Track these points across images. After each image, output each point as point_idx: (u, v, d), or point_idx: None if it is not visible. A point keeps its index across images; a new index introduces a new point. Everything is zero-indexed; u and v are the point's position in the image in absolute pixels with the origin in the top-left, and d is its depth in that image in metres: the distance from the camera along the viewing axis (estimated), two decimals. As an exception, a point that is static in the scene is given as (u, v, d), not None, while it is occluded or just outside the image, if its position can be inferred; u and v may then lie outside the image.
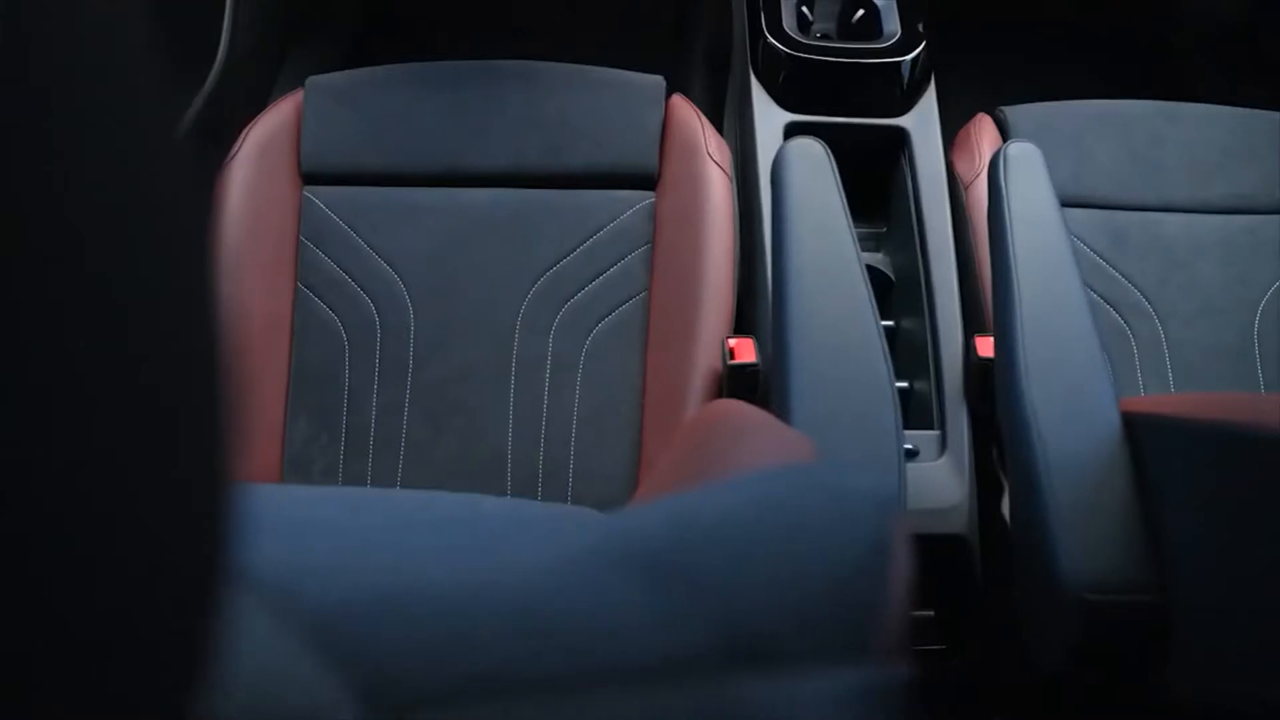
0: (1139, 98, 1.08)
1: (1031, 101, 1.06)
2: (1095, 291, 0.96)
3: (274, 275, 0.92)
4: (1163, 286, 0.97)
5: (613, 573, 0.22)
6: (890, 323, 0.99)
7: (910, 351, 0.95)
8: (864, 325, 0.67)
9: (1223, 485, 0.59)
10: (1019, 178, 0.77)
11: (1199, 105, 1.05)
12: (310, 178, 0.95)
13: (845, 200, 0.73)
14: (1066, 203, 1.00)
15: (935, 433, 0.87)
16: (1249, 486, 0.57)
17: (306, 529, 0.26)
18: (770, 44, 0.99)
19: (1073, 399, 0.67)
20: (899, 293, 1.00)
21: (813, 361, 0.65)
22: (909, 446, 0.85)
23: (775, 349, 0.69)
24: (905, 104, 0.99)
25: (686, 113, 0.96)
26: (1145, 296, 0.97)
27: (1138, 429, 0.66)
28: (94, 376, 0.13)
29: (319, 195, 0.95)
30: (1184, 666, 0.60)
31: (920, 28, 1.01)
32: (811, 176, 0.72)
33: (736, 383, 0.80)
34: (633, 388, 0.90)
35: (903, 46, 0.99)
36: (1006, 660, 0.80)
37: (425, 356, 0.91)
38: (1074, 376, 0.67)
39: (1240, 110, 1.05)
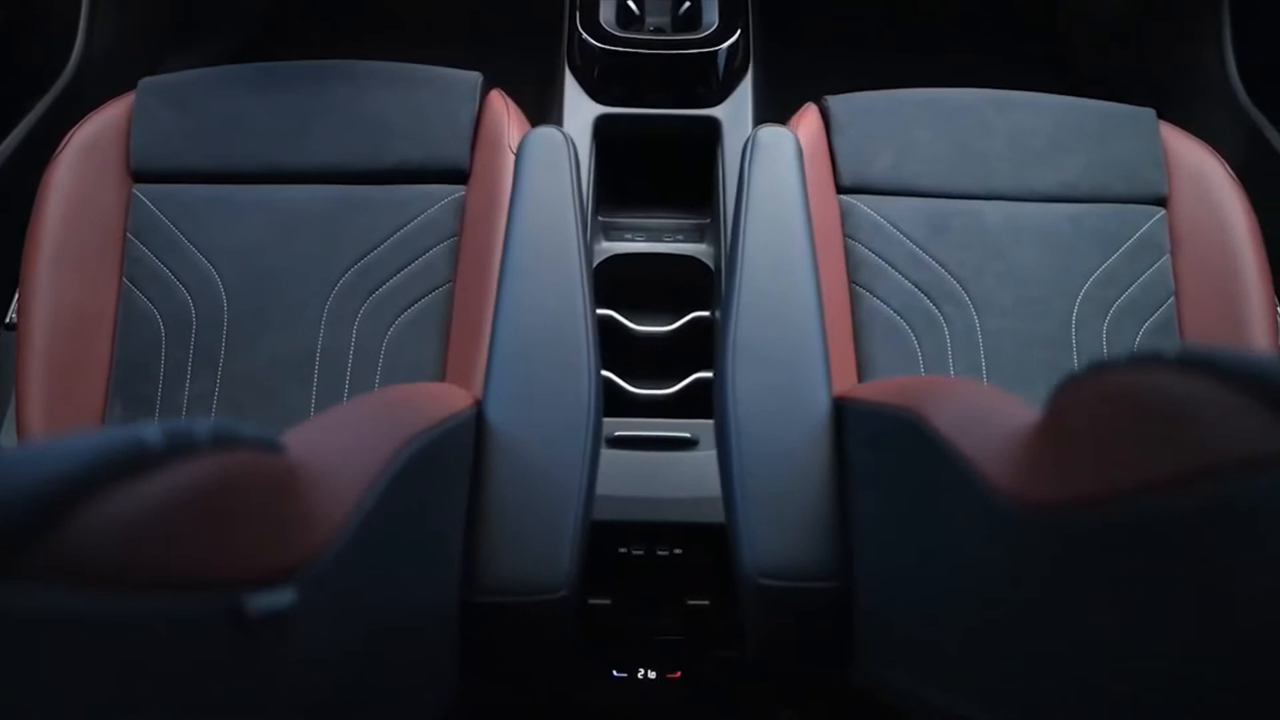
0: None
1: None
2: (910, 280, 0.96)
3: (98, 270, 0.96)
4: (980, 275, 0.96)
5: None
6: (707, 313, 1.00)
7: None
8: (571, 311, 0.67)
9: (883, 471, 0.59)
10: (764, 163, 0.77)
11: (1029, 94, 1.04)
12: (139, 175, 0.98)
13: (580, 189, 0.73)
14: (886, 191, 0.99)
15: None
16: (898, 473, 0.57)
17: None
18: (583, 39, 1.00)
19: (778, 384, 0.67)
20: (719, 283, 1.00)
21: (516, 343, 0.66)
22: (688, 435, 0.86)
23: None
24: (722, 94, 1.00)
25: (499, 107, 0.97)
26: (961, 285, 0.96)
27: (843, 416, 0.66)
28: None
29: (146, 193, 0.98)
30: (860, 659, 0.60)
31: (738, 19, 1.01)
32: (545, 165, 0.73)
33: None
34: (432, 377, 0.91)
35: (716, 37, 0.99)
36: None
37: (236, 348, 0.93)
38: (784, 362, 0.68)
39: (1071, 99, 1.04)
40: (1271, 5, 1.11)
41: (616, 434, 0.87)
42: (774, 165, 0.76)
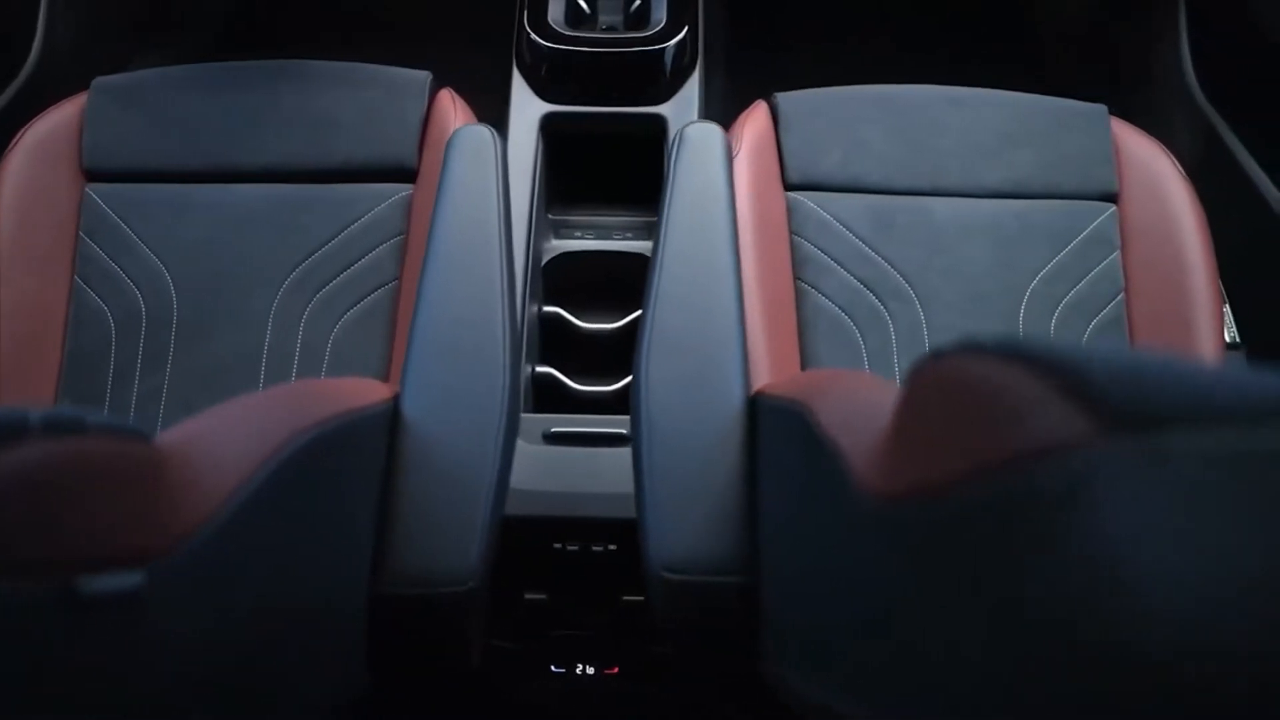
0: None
1: None
2: (856, 277, 0.96)
3: (49, 268, 0.96)
4: (926, 271, 0.96)
5: None
6: (653, 311, 1.00)
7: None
8: (489, 307, 0.68)
9: (785, 466, 0.59)
10: (690, 160, 0.77)
11: (984, 91, 1.04)
12: (92, 175, 0.99)
13: (506, 186, 0.74)
14: (834, 188, 0.99)
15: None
16: (795, 469, 0.57)
17: None
18: (531, 38, 1.00)
19: (691, 378, 0.67)
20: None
21: (433, 338, 0.67)
22: (623, 431, 0.86)
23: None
24: (669, 92, 1.00)
25: (447, 106, 0.98)
26: (907, 281, 0.96)
27: (757, 411, 0.67)
28: None
29: (99, 191, 0.99)
30: (766, 654, 0.60)
31: (686, 17, 1.01)
32: (471, 163, 0.74)
33: None
34: (377, 374, 0.92)
35: (662, 35, 0.99)
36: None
37: (185, 346, 0.94)
38: (699, 355, 0.68)
39: (1024, 96, 1.03)
40: (1225, 4, 1.11)
41: (553, 430, 0.87)
42: (700, 162, 0.76)
